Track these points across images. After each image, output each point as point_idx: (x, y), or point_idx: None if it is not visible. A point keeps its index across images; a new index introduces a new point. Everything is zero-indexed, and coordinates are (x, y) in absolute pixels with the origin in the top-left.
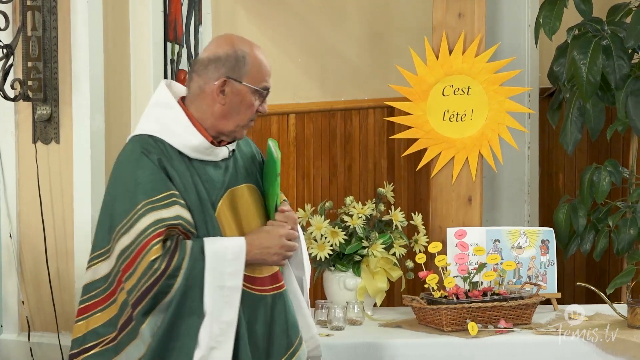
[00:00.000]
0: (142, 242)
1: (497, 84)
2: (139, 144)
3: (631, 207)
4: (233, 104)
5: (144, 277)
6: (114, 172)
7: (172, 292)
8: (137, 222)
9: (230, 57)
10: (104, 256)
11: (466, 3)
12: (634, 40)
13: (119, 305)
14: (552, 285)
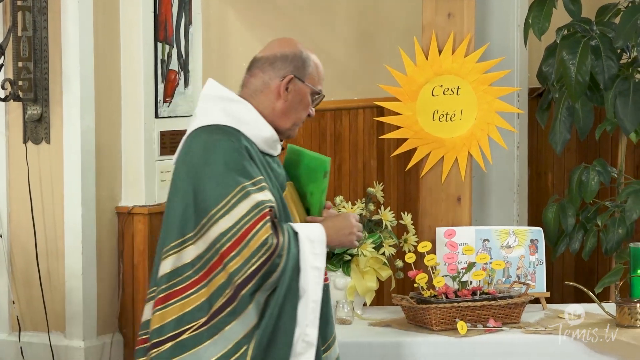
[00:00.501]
0: (250, 222)
1: (487, 84)
2: (218, 132)
3: (619, 206)
4: (294, 102)
5: (254, 257)
6: (191, 161)
7: (277, 271)
8: (236, 205)
9: (296, 56)
10: (188, 242)
11: (456, 3)
12: (622, 41)
13: (214, 289)
14: (541, 285)
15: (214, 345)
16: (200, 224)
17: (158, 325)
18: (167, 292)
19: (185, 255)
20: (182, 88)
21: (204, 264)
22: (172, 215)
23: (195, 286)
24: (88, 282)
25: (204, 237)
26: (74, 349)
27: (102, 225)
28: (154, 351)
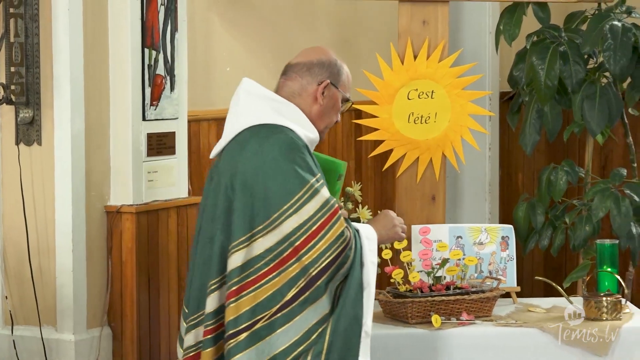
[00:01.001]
0: (323, 217)
1: (460, 88)
2: (280, 129)
3: (587, 205)
4: (328, 106)
5: (331, 248)
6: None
7: (348, 262)
8: (307, 201)
9: (332, 64)
10: (257, 235)
11: (430, 11)
12: (589, 47)
13: (288, 279)
14: (511, 280)
15: (285, 333)
16: (271, 218)
17: (233, 316)
18: (239, 285)
19: (255, 248)
20: (168, 92)
21: (275, 257)
22: (238, 211)
23: (266, 277)
24: (78, 278)
25: (275, 231)
26: (65, 342)
27: (92, 224)
28: (232, 341)
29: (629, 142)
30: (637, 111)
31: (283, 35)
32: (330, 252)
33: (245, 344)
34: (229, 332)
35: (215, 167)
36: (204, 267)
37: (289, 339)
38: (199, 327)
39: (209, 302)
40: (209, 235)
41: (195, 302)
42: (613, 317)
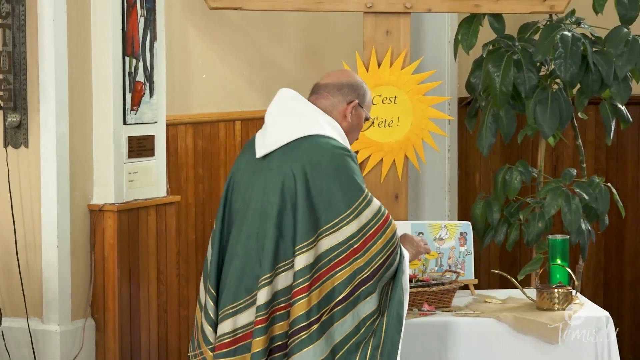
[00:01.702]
0: (378, 223)
1: (421, 93)
2: (338, 144)
3: (539, 202)
4: (353, 124)
5: (382, 251)
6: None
7: (394, 265)
8: (365, 208)
9: (359, 86)
10: (324, 234)
11: (393, 22)
12: (541, 55)
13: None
14: (469, 273)
15: (341, 326)
16: (333, 222)
17: (305, 310)
18: (310, 281)
19: (320, 247)
20: (148, 97)
21: (335, 256)
22: (301, 214)
23: (328, 274)
24: (63, 272)
25: (336, 234)
26: (51, 333)
27: (76, 222)
28: (304, 333)
29: (578, 144)
30: (586, 115)
31: (255, 45)
32: (381, 255)
33: (317, 334)
34: (300, 325)
35: (262, 168)
36: (256, 260)
37: (344, 331)
38: (237, 315)
39: (262, 295)
40: (256, 230)
41: (232, 293)
42: (564, 308)
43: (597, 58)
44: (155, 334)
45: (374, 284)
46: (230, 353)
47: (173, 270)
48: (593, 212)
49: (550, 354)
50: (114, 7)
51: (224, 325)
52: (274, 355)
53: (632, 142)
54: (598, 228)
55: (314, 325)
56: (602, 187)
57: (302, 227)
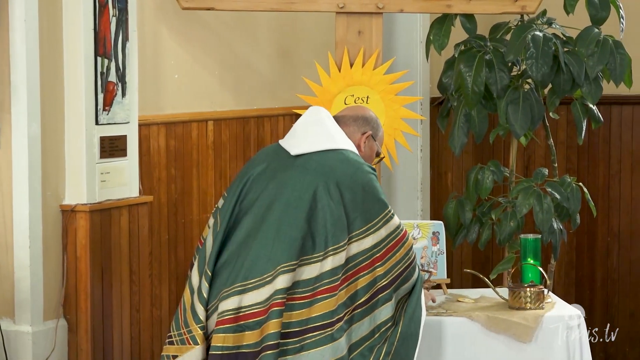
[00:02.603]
0: (399, 234)
1: (393, 93)
2: (367, 164)
3: (511, 202)
4: (366, 155)
5: (399, 262)
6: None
7: (412, 279)
8: (387, 222)
9: (374, 120)
10: (355, 238)
11: (365, 22)
12: (513, 55)
13: (367, 282)
14: (442, 272)
15: (358, 328)
16: (361, 229)
17: (332, 309)
18: (338, 282)
19: (352, 249)
20: (120, 98)
21: (357, 264)
22: (338, 216)
23: (352, 277)
24: (35, 273)
25: (359, 242)
26: (23, 333)
27: (48, 222)
28: (329, 330)
29: (550, 143)
30: (558, 115)
31: (227, 45)
32: (399, 266)
33: (339, 333)
34: (324, 321)
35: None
36: (279, 246)
37: (361, 333)
38: (244, 294)
39: (283, 280)
40: (291, 221)
41: (243, 272)
42: (536, 307)
43: (568, 58)
44: (128, 334)
45: (391, 292)
46: (230, 329)
47: (145, 271)
48: (565, 211)
49: (522, 352)
50: (86, 7)
51: (228, 302)
52: (285, 340)
53: (603, 142)
54: (570, 227)
55: (338, 324)
56: (573, 186)
57: (335, 228)
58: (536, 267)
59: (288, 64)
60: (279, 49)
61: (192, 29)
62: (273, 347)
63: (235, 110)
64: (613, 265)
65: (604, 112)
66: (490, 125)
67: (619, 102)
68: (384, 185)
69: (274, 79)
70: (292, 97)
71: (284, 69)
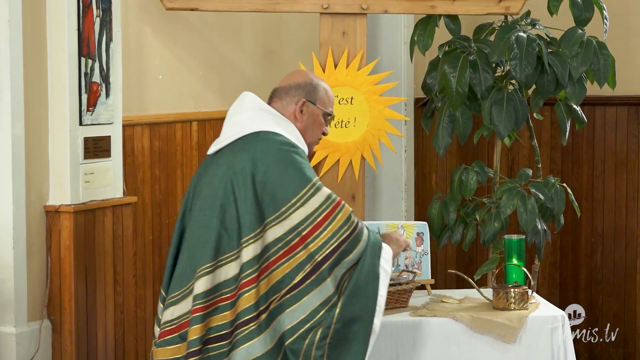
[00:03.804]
0: (327, 209)
1: (377, 94)
2: (285, 139)
3: (495, 203)
4: (309, 123)
5: (335, 235)
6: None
7: (356, 251)
8: (314, 195)
9: (307, 84)
10: (267, 227)
11: (349, 23)
12: (497, 56)
13: (296, 264)
14: (426, 273)
15: (293, 313)
16: (280, 211)
17: (252, 302)
18: (257, 272)
19: (268, 237)
20: (104, 98)
21: (284, 245)
22: (246, 206)
23: (276, 263)
24: (19, 273)
25: (283, 223)
26: (6, 335)
27: (32, 223)
28: (253, 324)
29: (534, 144)
30: (542, 116)
31: (211, 45)
32: (334, 240)
33: (266, 324)
34: (249, 316)
35: (211, 163)
36: (197, 251)
37: (296, 318)
38: (180, 303)
39: (201, 284)
40: (205, 222)
41: (178, 281)
42: (520, 307)
43: (552, 59)
44: (112, 335)
45: (327, 269)
46: (167, 342)
47: (130, 271)
48: (549, 212)
49: (506, 353)
50: (70, 7)
51: (168, 313)
52: (213, 345)
53: (587, 143)
54: (554, 228)
55: (262, 315)
56: (557, 187)
57: (246, 219)
58: (520, 268)
59: (272, 65)
60: (263, 49)
61: (176, 30)
62: (195, 353)
63: (220, 110)
64: (597, 266)
65: (587, 112)
66: (475, 126)
67: (602, 103)
68: (368, 186)
69: (258, 79)
70: None
71: (268, 69)
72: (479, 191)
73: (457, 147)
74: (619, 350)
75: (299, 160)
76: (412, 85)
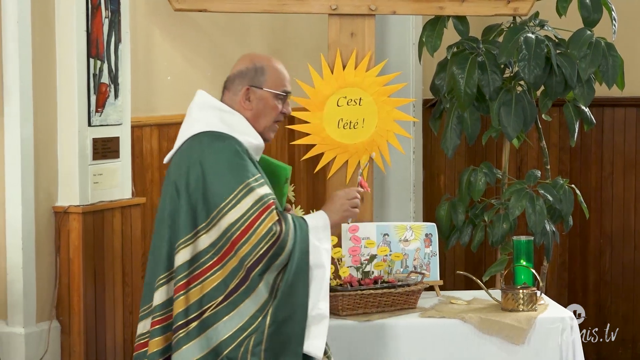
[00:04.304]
0: (256, 213)
1: (386, 95)
2: (221, 137)
3: (504, 204)
4: (259, 109)
5: (261, 242)
6: (194, 162)
7: (284, 254)
8: (242, 198)
9: (250, 69)
10: (201, 232)
11: (358, 24)
12: (505, 57)
13: (228, 270)
14: (434, 274)
15: (230, 320)
16: (211, 216)
17: (183, 308)
18: (188, 278)
19: (200, 244)
20: (113, 99)
21: (217, 251)
22: (182, 212)
23: (211, 270)
24: (28, 274)
25: (215, 227)
26: (16, 335)
27: (41, 224)
28: (182, 331)
29: (542, 145)
30: (550, 117)
31: (219, 46)
32: (262, 245)
33: (196, 333)
34: (179, 322)
35: (167, 172)
36: (155, 264)
37: (233, 326)
38: (147, 318)
39: (157, 295)
40: (161, 234)
41: (147, 296)
42: (529, 308)
43: (560, 60)
44: (121, 336)
45: (257, 275)
46: (141, 355)
47: (138, 272)
48: (557, 213)
49: (515, 354)
50: (78, 8)
51: (139, 327)
52: None
53: (595, 144)
54: (562, 229)
55: (193, 323)
56: (566, 188)
57: (181, 224)
58: (529, 269)
59: None
60: (271, 50)
61: (185, 31)
62: None
63: None
64: (606, 267)
65: (596, 114)
66: (483, 127)
67: (611, 104)
68: (376, 187)
69: None
70: None
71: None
72: (487, 192)
73: (466, 148)
74: (627, 352)
75: (234, 162)
76: (420, 86)
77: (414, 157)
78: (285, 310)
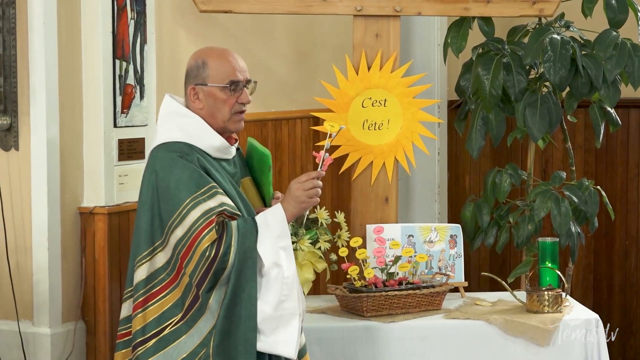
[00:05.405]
0: (196, 231)
1: (411, 96)
2: (172, 149)
3: (529, 205)
4: (210, 105)
5: (201, 262)
6: (150, 178)
7: (228, 268)
8: (187, 215)
9: (193, 67)
10: (158, 249)
11: (383, 25)
12: (530, 58)
13: (183, 287)
14: (459, 275)
15: (191, 337)
16: (164, 233)
17: (141, 325)
18: (145, 296)
19: (157, 261)
20: (138, 100)
21: (172, 268)
22: (141, 227)
23: (168, 287)
24: (53, 275)
25: (168, 245)
26: (41, 336)
27: (66, 224)
28: (140, 349)
29: (567, 147)
30: (575, 118)
31: (244, 48)
32: (202, 262)
33: (154, 350)
34: (138, 340)
35: None
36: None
37: (194, 342)
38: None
39: (123, 309)
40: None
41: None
42: (554, 310)
43: (586, 61)
44: None
45: (205, 292)
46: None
47: None
48: (582, 214)
49: (540, 356)
50: (104, 10)
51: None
52: None
53: (621, 145)
54: (587, 230)
55: (151, 341)
56: (591, 189)
57: (140, 241)
58: (554, 271)
59: (305, 67)
60: (297, 51)
61: (210, 32)
62: None
63: (253, 113)
64: (631, 269)
65: (622, 115)
66: (508, 128)
67: (637, 105)
68: (401, 188)
69: (291, 82)
70: (309, 100)
71: (301, 71)
72: (512, 194)
73: (491, 150)
74: None
75: (183, 177)
76: (445, 88)
77: (439, 158)
78: (228, 322)
